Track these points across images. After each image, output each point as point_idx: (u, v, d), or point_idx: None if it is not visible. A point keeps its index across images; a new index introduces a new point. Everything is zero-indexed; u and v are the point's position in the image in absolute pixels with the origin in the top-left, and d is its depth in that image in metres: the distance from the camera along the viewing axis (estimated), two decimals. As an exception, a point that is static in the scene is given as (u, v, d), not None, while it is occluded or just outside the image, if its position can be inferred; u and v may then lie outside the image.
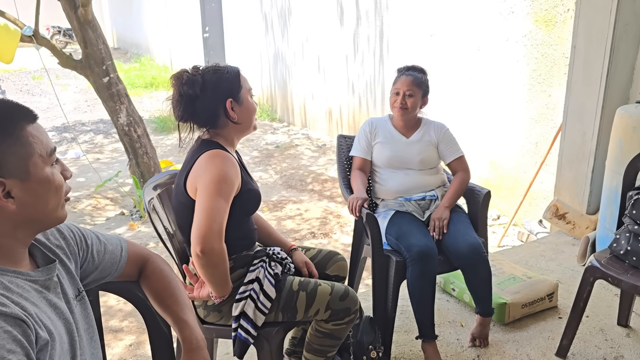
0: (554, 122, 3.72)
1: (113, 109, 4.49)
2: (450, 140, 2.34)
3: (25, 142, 0.90)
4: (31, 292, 0.93)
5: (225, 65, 1.66)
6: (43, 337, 0.87)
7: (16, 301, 0.87)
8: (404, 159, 2.28)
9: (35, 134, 0.92)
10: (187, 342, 1.15)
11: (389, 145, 2.31)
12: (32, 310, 0.89)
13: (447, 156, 2.33)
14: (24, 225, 0.93)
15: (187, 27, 10.76)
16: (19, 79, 11.62)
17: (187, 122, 1.64)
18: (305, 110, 7.54)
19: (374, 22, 5.62)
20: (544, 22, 3.69)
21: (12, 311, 0.83)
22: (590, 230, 3.12)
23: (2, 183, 0.88)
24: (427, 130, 2.34)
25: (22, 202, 0.91)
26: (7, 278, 0.90)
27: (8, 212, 0.90)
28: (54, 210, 0.96)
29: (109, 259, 1.19)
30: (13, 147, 0.89)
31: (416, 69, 2.32)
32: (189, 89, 1.58)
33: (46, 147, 0.94)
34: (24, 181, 0.90)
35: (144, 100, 9.57)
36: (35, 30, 4.14)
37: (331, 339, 1.70)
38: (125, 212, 4.76)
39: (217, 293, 1.58)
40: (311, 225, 4.41)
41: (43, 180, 0.93)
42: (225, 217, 1.52)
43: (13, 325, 0.82)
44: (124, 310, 3.09)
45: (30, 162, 0.91)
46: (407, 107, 2.25)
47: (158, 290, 1.23)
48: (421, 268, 1.99)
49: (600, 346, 2.23)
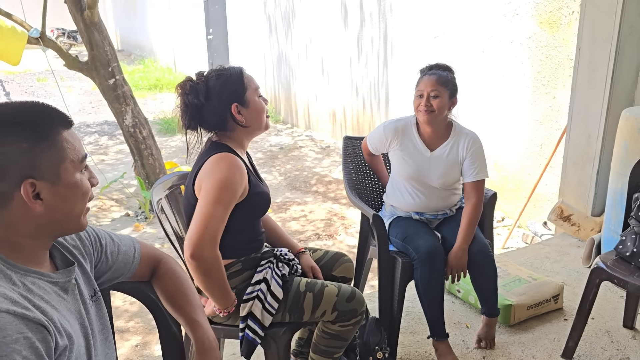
0: (558, 124, 3.72)
1: (119, 111, 4.51)
2: (477, 158, 2.10)
3: (60, 147, 0.92)
4: (52, 295, 0.94)
5: (229, 67, 1.65)
6: (62, 344, 0.87)
7: (38, 305, 0.88)
8: (425, 177, 2.12)
9: (69, 139, 0.94)
10: (200, 343, 1.16)
11: (411, 159, 2.12)
12: (54, 314, 0.90)
13: (468, 175, 2.11)
14: (47, 227, 0.95)
15: (191, 28, 10.80)
16: (24, 80, 11.68)
17: (195, 129, 1.65)
18: (309, 112, 7.56)
19: (378, 24, 5.63)
20: (549, 24, 3.70)
21: (35, 316, 0.83)
22: (595, 232, 3.12)
23: (33, 184, 0.89)
24: (456, 143, 2.11)
25: (49, 205, 0.92)
26: (30, 279, 0.91)
27: (34, 214, 0.91)
28: (78, 216, 0.98)
29: (122, 260, 1.20)
30: (48, 150, 0.90)
31: (440, 66, 2.10)
32: (194, 98, 1.58)
33: (78, 154, 0.96)
34: (54, 185, 0.92)
35: (148, 102, 9.60)
36: (42, 32, 4.17)
37: (338, 340, 1.71)
38: (130, 213, 4.78)
39: (219, 305, 1.58)
40: (316, 226, 4.42)
41: (72, 185, 0.94)
42: (221, 224, 1.51)
43: (34, 331, 0.82)
44: (130, 311, 3.10)
45: (62, 167, 0.93)
46: (434, 110, 2.02)
47: (170, 291, 1.24)
48: (430, 268, 2.00)
49: (606, 348, 2.23)
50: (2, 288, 0.85)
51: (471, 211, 2.08)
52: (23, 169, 0.88)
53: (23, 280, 0.90)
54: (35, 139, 0.89)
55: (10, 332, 0.80)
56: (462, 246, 2.04)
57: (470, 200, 2.10)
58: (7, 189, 0.88)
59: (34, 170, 0.89)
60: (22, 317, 0.82)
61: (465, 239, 2.05)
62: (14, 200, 0.89)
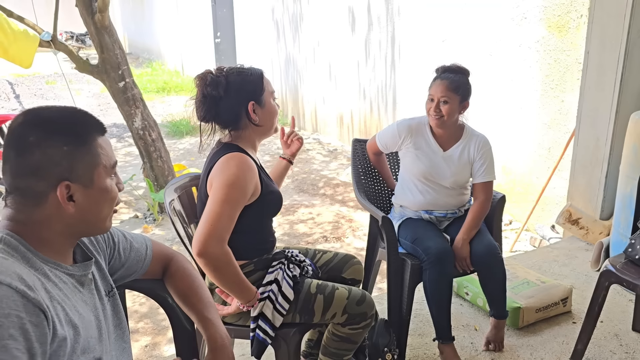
0: (566, 127, 3.72)
1: (128, 113, 4.55)
2: (487, 159, 2.15)
3: (95, 152, 0.97)
4: (68, 285, 0.97)
5: (250, 67, 1.68)
6: (60, 333, 0.88)
7: (48, 289, 0.91)
8: (438, 175, 2.15)
9: (103, 145, 0.99)
10: (212, 341, 1.18)
11: (424, 157, 2.16)
12: (64, 303, 0.92)
13: (477, 175, 2.16)
14: (76, 227, 0.99)
15: (199, 32, 10.85)
16: (33, 83, 11.76)
17: (209, 122, 1.66)
18: (316, 115, 7.58)
19: (386, 28, 5.65)
20: (557, 28, 3.70)
21: (35, 297, 0.85)
22: (603, 235, 3.12)
23: (68, 186, 0.94)
24: (468, 144, 2.16)
25: (80, 207, 0.97)
26: (49, 267, 0.95)
27: (67, 214, 0.95)
28: (104, 219, 1.03)
29: (134, 257, 1.23)
30: (85, 155, 0.96)
31: (453, 69, 2.09)
32: (213, 90, 1.60)
33: (110, 160, 1.01)
34: (87, 188, 0.97)
35: (156, 105, 9.64)
36: (54, 35, 4.22)
37: (348, 342, 1.72)
38: (139, 215, 4.82)
39: (241, 300, 1.60)
40: (323, 229, 4.43)
41: (103, 189, 0.99)
42: (230, 222, 1.52)
43: (30, 312, 0.83)
44: (140, 311, 3.13)
45: (96, 172, 0.98)
46: (443, 115, 2.06)
47: (182, 289, 1.26)
48: (439, 270, 2.01)
49: (615, 351, 2.23)
50: (18, 268, 0.88)
51: (478, 208, 2.14)
52: (61, 171, 0.93)
53: (42, 267, 0.93)
54: (74, 144, 0.94)
55: (4, 305, 0.81)
56: (462, 237, 2.10)
57: (478, 199, 2.16)
58: (44, 189, 0.93)
59: (71, 173, 0.94)
60: (22, 295, 0.83)
61: (468, 231, 2.10)
62: (48, 200, 0.94)
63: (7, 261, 0.87)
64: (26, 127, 0.93)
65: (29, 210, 0.94)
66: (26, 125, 0.93)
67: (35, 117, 0.95)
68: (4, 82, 11.61)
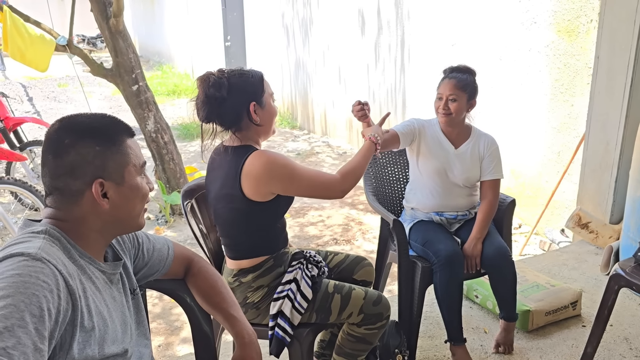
0: (576, 131, 3.73)
1: (141, 116, 4.61)
2: (495, 157, 2.22)
3: (125, 152, 1.05)
4: (99, 280, 1.04)
5: (250, 70, 1.72)
6: (88, 323, 0.94)
7: (82, 280, 0.97)
8: (449, 173, 2.20)
9: (132, 146, 1.07)
10: (240, 337, 1.22)
11: (437, 154, 2.20)
12: (95, 295, 0.99)
13: (486, 174, 2.22)
14: (111, 224, 1.06)
15: (209, 35, 10.93)
16: (46, 86, 11.90)
17: (211, 122, 1.69)
18: (325, 118, 7.62)
19: (396, 32, 5.68)
20: (567, 32, 3.71)
21: (73, 284, 0.92)
22: (613, 239, 3.12)
23: (102, 183, 1.01)
24: (477, 142, 2.23)
25: (114, 204, 1.04)
26: (85, 261, 1.02)
27: (102, 211, 1.02)
28: (137, 216, 1.09)
29: (157, 257, 1.28)
30: (115, 154, 1.03)
31: (460, 69, 2.17)
32: (216, 91, 1.63)
33: (139, 160, 1.08)
34: (119, 185, 1.04)
35: (167, 108, 9.73)
36: (69, 40, 4.29)
37: (363, 343, 1.75)
38: (151, 216, 4.87)
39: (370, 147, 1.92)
40: (333, 231, 4.47)
41: (134, 187, 1.06)
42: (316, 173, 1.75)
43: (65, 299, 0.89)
44: (153, 312, 3.18)
45: (126, 170, 1.05)
46: (451, 113, 2.13)
47: (205, 289, 1.30)
48: (450, 272, 2.04)
49: (624, 355, 2.24)
50: (63, 258, 0.96)
51: (487, 207, 2.19)
52: (95, 170, 1.00)
53: (79, 260, 1.00)
54: (105, 143, 1.02)
55: (50, 282, 0.87)
56: (476, 236, 2.14)
57: (487, 197, 2.21)
58: (80, 187, 1.00)
59: (103, 171, 1.01)
60: (64, 280, 0.91)
61: (480, 230, 2.15)
62: (84, 198, 1.01)
63: (53, 248, 0.95)
64: (61, 131, 1.01)
65: (67, 208, 1.01)
66: (61, 130, 1.01)
67: (69, 122, 1.03)
68: (18, 85, 11.77)
